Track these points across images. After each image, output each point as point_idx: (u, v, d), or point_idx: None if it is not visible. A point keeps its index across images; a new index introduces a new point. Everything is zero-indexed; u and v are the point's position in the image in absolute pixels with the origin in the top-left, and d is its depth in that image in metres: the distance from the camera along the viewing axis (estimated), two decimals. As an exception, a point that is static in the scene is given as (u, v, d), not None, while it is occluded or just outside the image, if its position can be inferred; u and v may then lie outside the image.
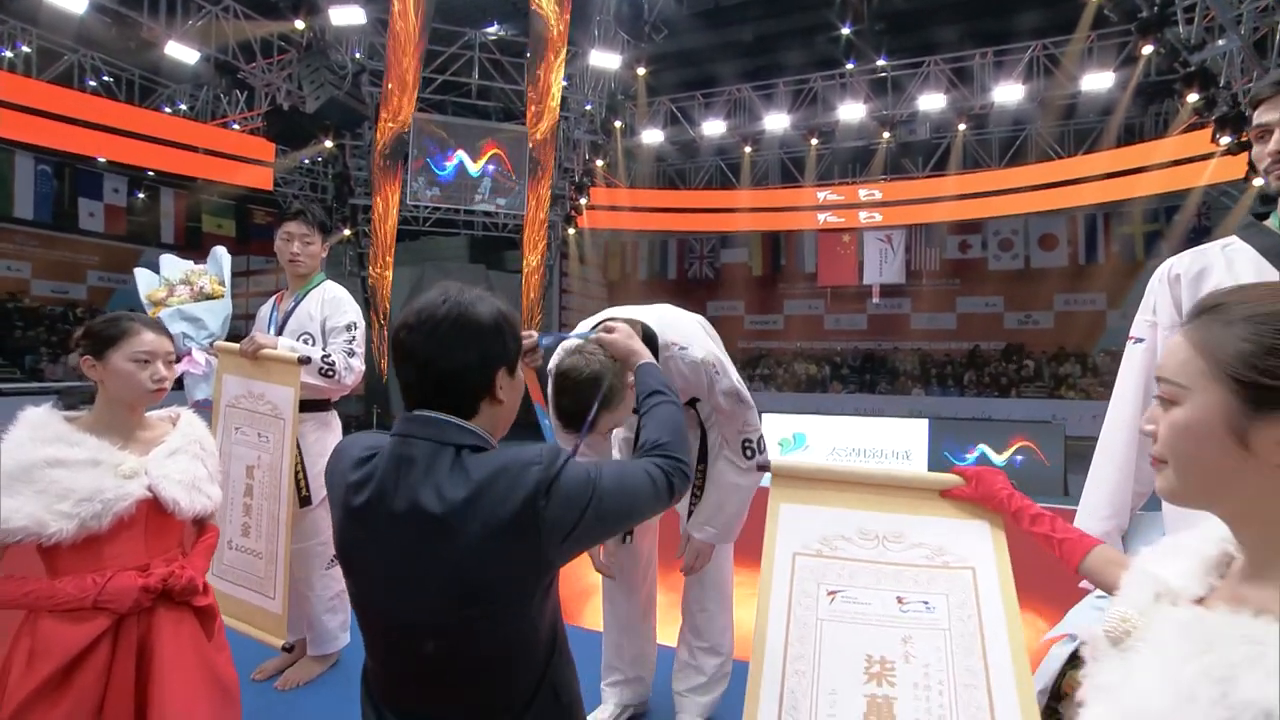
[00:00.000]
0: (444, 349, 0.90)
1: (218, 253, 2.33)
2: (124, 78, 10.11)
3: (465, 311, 0.91)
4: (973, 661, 1.05)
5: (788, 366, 14.42)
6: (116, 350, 1.30)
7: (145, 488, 1.27)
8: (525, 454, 0.89)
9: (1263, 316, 0.53)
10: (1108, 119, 10.27)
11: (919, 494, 1.20)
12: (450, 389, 0.92)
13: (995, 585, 1.10)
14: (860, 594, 1.14)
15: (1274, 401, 0.52)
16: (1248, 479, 0.54)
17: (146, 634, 1.26)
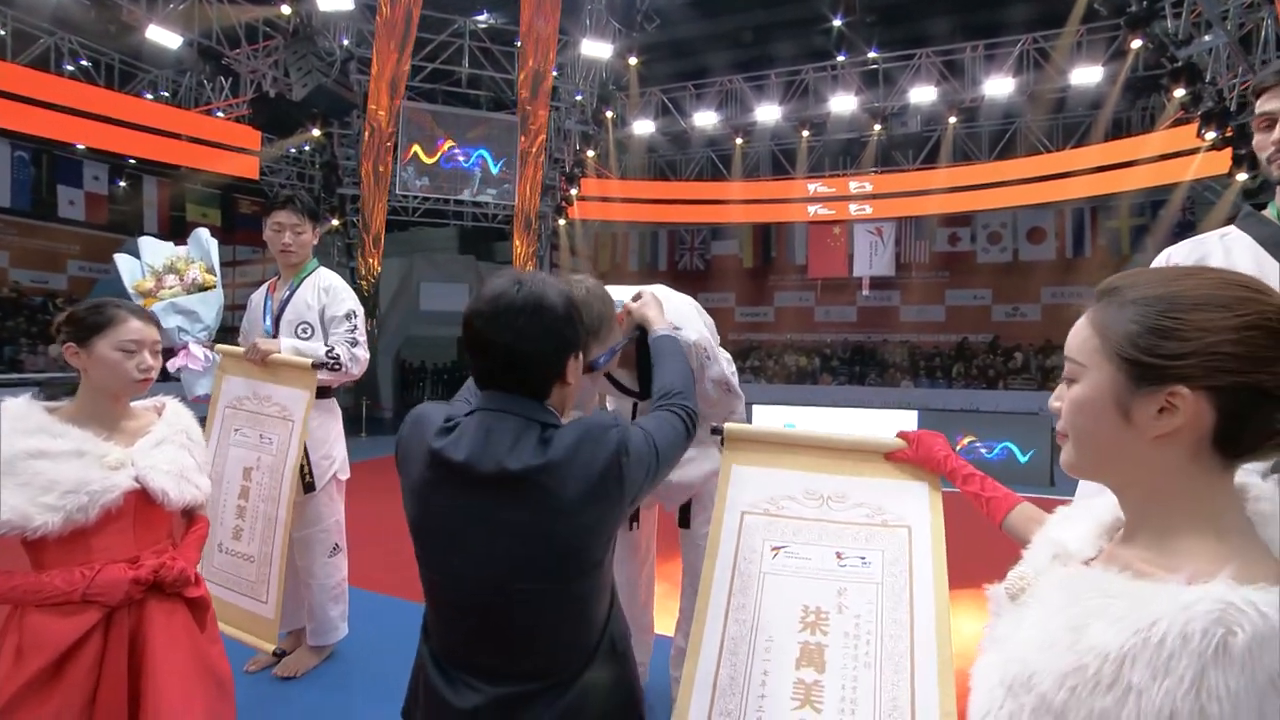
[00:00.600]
0: (521, 335, 0.95)
1: (200, 235, 2.26)
2: (103, 62, 9.88)
3: (541, 299, 0.96)
4: (900, 614, 1.13)
5: (778, 358, 14.47)
6: (102, 338, 1.27)
7: (132, 479, 1.25)
8: (601, 419, 0.97)
9: (1149, 299, 0.57)
10: (1096, 113, 10.34)
11: (864, 456, 1.27)
12: (527, 373, 0.97)
13: (928, 543, 1.18)
14: (802, 549, 1.22)
15: (1151, 377, 0.56)
16: (1129, 451, 0.58)
17: (138, 626, 1.24)
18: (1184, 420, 0.55)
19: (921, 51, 10.79)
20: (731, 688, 1.15)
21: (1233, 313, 0.54)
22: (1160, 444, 0.56)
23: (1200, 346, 0.54)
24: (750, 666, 1.15)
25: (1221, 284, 0.56)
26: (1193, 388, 0.54)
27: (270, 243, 2.30)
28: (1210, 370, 0.54)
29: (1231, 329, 0.53)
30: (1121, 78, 9.40)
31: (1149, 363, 0.56)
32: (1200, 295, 0.56)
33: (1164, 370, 0.55)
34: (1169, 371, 0.55)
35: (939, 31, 10.75)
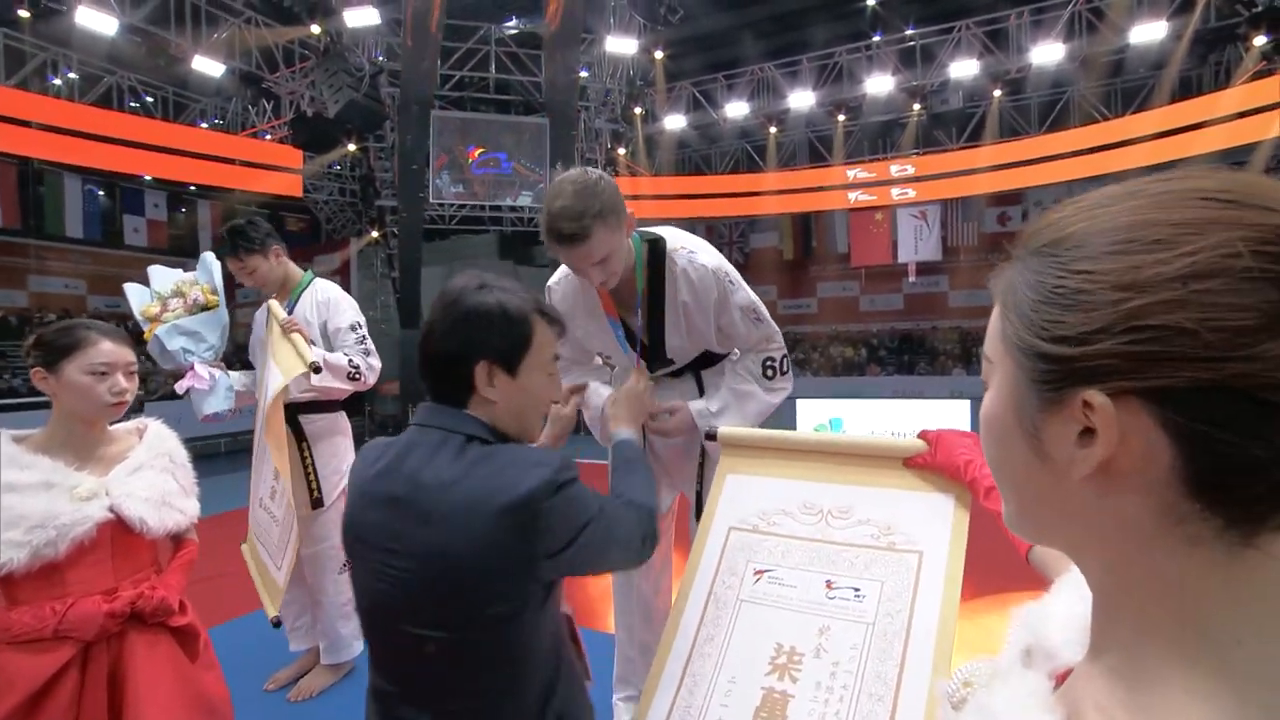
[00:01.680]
0: (433, 332, 0.91)
1: (207, 259, 2.29)
2: (159, 96, 10.43)
3: (459, 297, 0.90)
4: (887, 668, 0.90)
5: (823, 350, 14.08)
6: (70, 361, 1.23)
7: (106, 509, 1.22)
8: (535, 454, 0.88)
9: (1054, 245, 0.34)
10: (1160, 74, 9.59)
11: (879, 463, 1.06)
12: (437, 375, 0.92)
13: (939, 576, 0.93)
14: (788, 575, 1.03)
15: (1052, 378, 0.33)
16: (1061, 501, 0.35)
17: (118, 660, 1.21)
18: (1107, 450, 0.31)
19: (961, 24, 10.25)
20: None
21: (1177, 250, 0.29)
22: (1100, 490, 0.33)
23: (1116, 317, 0.30)
24: (705, 711, 0.97)
25: (1170, 201, 0.31)
26: (1114, 393, 0.30)
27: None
28: (1138, 360, 0.30)
29: (1172, 281, 0.29)
30: (1190, 31, 8.67)
31: (1046, 352, 0.33)
32: (1126, 225, 0.31)
33: (1068, 365, 0.32)
34: (1074, 366, 0.32)
35: (979, 2, 10.20)
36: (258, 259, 2.25)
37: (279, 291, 2.33)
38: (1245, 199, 0.30)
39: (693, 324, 1.55)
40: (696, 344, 1.59)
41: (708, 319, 1.53)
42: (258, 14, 9.55)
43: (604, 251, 1.34)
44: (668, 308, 1.51)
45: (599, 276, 1.39)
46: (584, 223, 1.28)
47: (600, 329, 1.59)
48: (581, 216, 1.28)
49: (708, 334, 1.57)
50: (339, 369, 2.11)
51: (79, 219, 11.38)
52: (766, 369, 1.58)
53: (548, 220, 1.34)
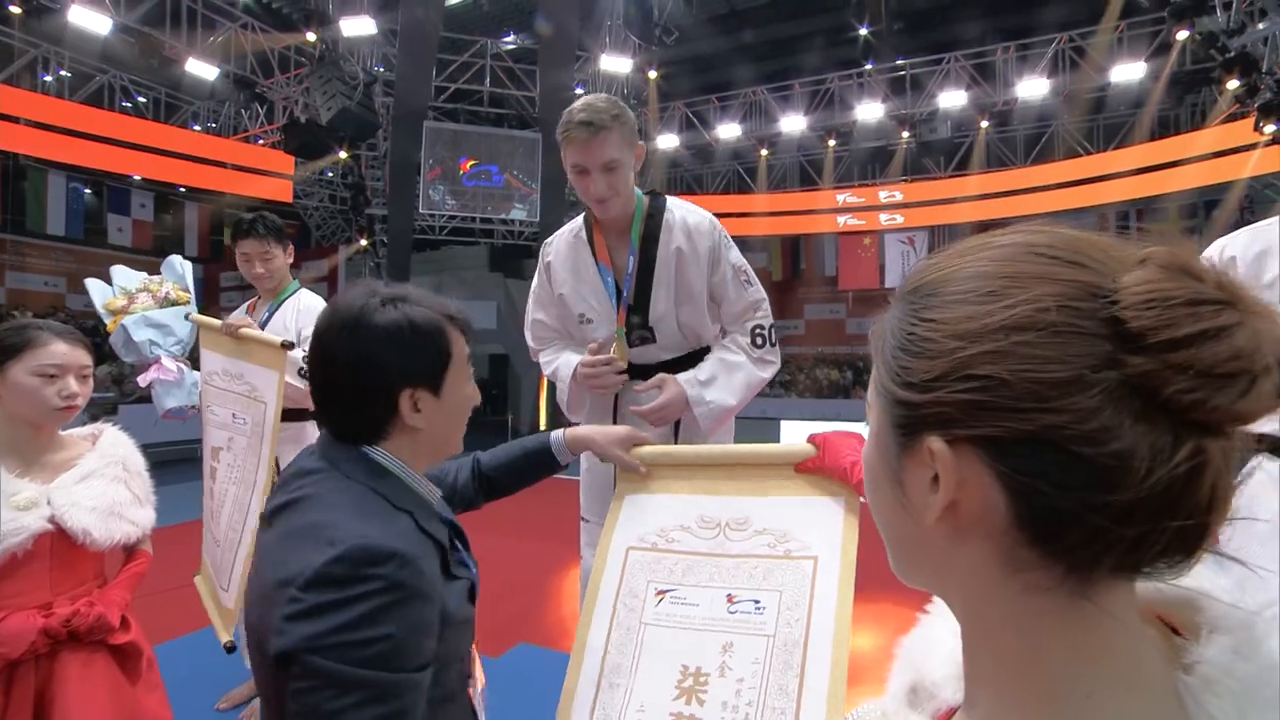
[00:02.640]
0: (333, 362, 0.79)
1: (174, 261, 2.25)
2: (151, 96, 10.37)
3: (361, 317, 0.78)
4: (788, 680, 0.88)
5: (809, 372, 14.13)
6: (17, 362, 1.18)
7: (45, 519, 1.16)
8: (344, 529, 0.70)
9: (912, 292, 0.35)
10: (1139, 112, 9.85)
11: (772, 471, 1.04)
12: (346, 411, 0.81)
13: (834, 579, 0.93)
14: (690, 593, 1.00)
15: (905, 423, 0.33)
16: (925, 546, 0.35)
17: (48, 681, 1.14)
18: (947, 495, 0.31)
19: (950, 55, 10.50)
20: None
21: (1002, 303, 0.30)
22: (950, 536, 0.33)
23: (951, 365, 0.31)
24: None
25: (1007, 255, 0.32)
26: (951, 440, 0.31)
27: (243, 272, 2.26)
28: (968, 409, 0.30)
29: (995, 332, 0.30)
30: (1166, 73, 8.94)
31: (900, 398, 0.33)
32: (970, 275, 0.32)
33: (916, 411, 0.32)
34: (920, 413, 0.32)
35: (968, 35, 10.46)
36: (279, 248, 2.24)
37: (270, 292, 2.29)
38: (1065, 255, 0.31)
39: (684, 279, 1.50)
40: (683, 310, 1.53)
41: (701, 271, 1.50)
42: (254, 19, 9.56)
43: (614, 154, 1.38)
44: (659, 260, 1.50)
45: (603, 185, 1.40)
46: (602, 116, 1.35)
47: (588, 287, 1.55)
48: (601, 112, 1.35)
49: (698, 291, 1.52)
50: (292, 362, 2.03)
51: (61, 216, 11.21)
52: (756, 337, 1.52)
53: (567, 115, 1.39)
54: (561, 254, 1.59)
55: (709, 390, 1.45)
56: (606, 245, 1.54)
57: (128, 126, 9.29)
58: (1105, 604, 0.30)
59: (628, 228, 1.52)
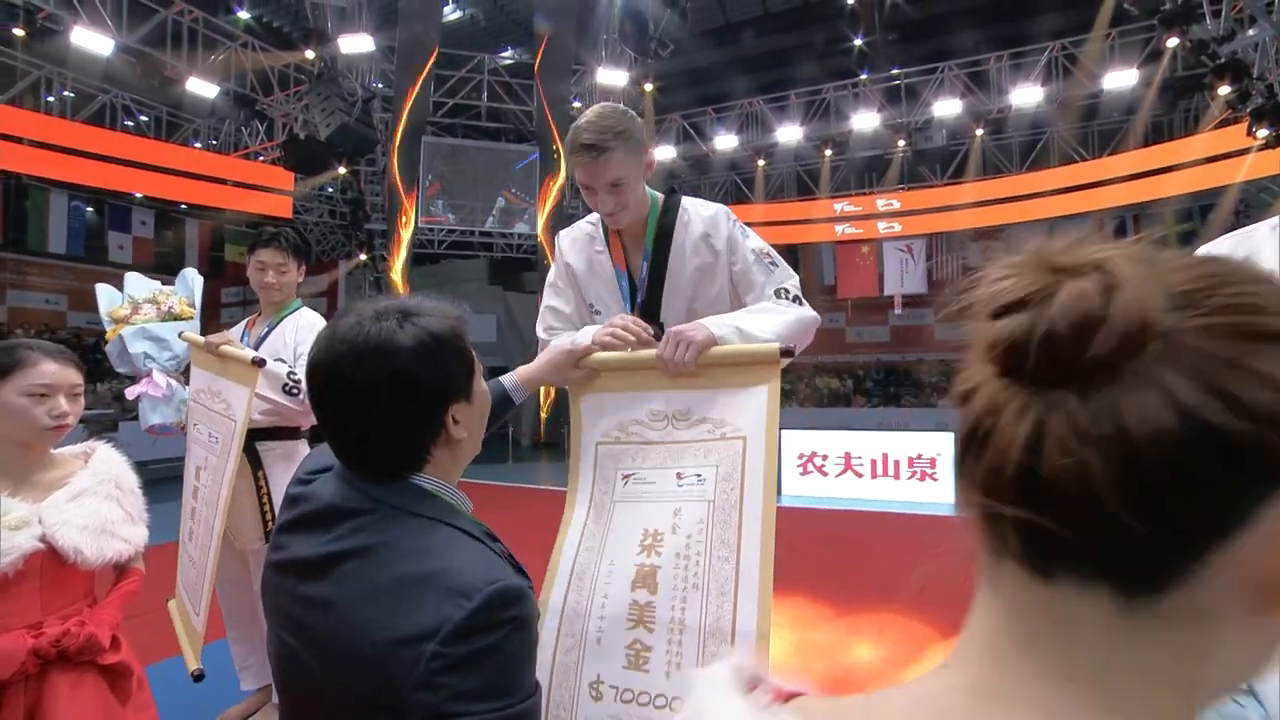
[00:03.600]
0: (375, 399, 0.72)
1: (188, 275, 2.24)
2: (152, 115, 10.47)
3: (387, 344, 0.72)
4: (729, 535, 1.10)
5: (809, 381, 14.12)
6: (7, 382, 1.18)
7: (37, 538, 1.15)
8: (467, 575, 0.67)
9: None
10: (1132, 118, 9.93)
11: (705, 368, 1.21)
12: (389, 447, 0.75)
13: (760, 452, 1.13)
14: (649, 474, 1.21)
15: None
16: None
17: (38, 701, 1.13)
18: None
19: (944, 65, 10.59)
20: (575, 613, 1.16)
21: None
22: None
23: None
24: (593, 592, 1.15)
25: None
26: None
27: (253, 280, 2.25)
28: None
29: None
30: (1158, 79, 9.01)
31: None
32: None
33: None
34: None
35: (962, 45, 10.56)
36: (295, 263, 2.25)
37: (273, 305, 2.29)
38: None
39: (701, 271, 1.48)
40: (701, 304, 1.50)
41: (721, 262, 1.48)
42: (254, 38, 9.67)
43: (619, 173, 1.37)
44: (673, 256, 1.49)
45: (610, 203, 1.40)
46: (605, 137, 1.33)
47: (600, 280, 1.55)
48: (604, 131, 1.34)
49: (720, 282, 1.49)
50: (275, 377, 2.02)
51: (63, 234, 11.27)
52: (779, 294, 1.45)
53: (573, 133, 1.39)
54: (578, 246, 1.59)
55: (730, 319, 1.32)
56: (623, 248, 1.55)
57: (129, 145, 9.38)
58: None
59: (642, 232, 1.52)
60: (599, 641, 1.12)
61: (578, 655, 1.14)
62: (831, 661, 2.94)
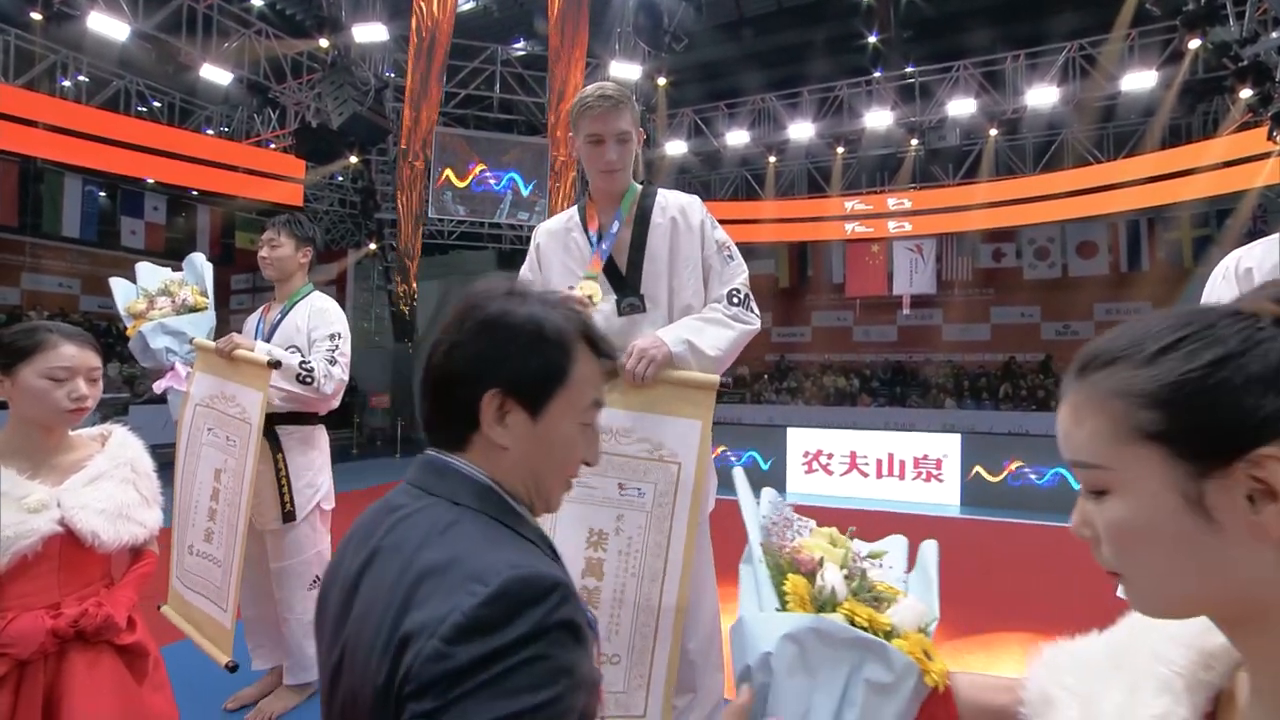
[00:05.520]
0: (439, 346, 0.68)
1: (195, 260, 2.27)
2: (167, 101, 10.51)
3: (478, 303, 0.68)
4: (660, 538, 1.39)
5: (815, 379, 14.09)
6: (28, 364, 1.18)
7: (55, 521, 1.16)
8: (488, 561, 0.57)
9: (1160, 344, 0.40)
10: (1150, 120, 9.80)
11: (653, 391, 1.41)
12: (435, 403, 0.69)
13: (690, 477, 1.39)
14: (592, 479, 1.39)
15: (1212, 451, 0.37)
16: (1234, 564, 0.38)
17: (55, 679, 1.14)
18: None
19: (960, 64, 10.48)
20: None
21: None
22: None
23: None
24: None
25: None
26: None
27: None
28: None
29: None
30: (1178, 81, 8.89)
31: (1202, 426, 0.38)
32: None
33: (1237, 432, 0.37)
34: (1246, 431, 0.37)
35: (978, 44, 10.45)
36: (290, 243, 2.28)
37: (280, 290, 2.33)
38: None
39: (679, 247, 1.60)
40: (678, 278, 1.60)
41: (695, 241, 1.61)
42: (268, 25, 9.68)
43: (627, 127, 1.54)
44: (652, 232, 1.60)
45: (615, 153, 1.53)
46: (620, 93, 1.52)
47: (575, 255, 1.64)
48: (618, 91, 1.53)
49: (695, 259, 1.61)
50: (288, 368, 2.07)
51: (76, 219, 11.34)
52: (732, 297, 1.60)
53: (582, 94, 1.53)
54: (553, 233, 1.69)
55: (684, 333, 1.48)
56: (598, 218, 1.65)
57: (143, 131, 9.42)
58: None
59: (619, 199, 1.63)
60: None
61: None
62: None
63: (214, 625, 1.92)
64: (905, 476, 7.06)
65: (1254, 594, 0.38)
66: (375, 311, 13.79)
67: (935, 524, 6.02)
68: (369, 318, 13.90)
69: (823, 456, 7.41)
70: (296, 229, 2.30)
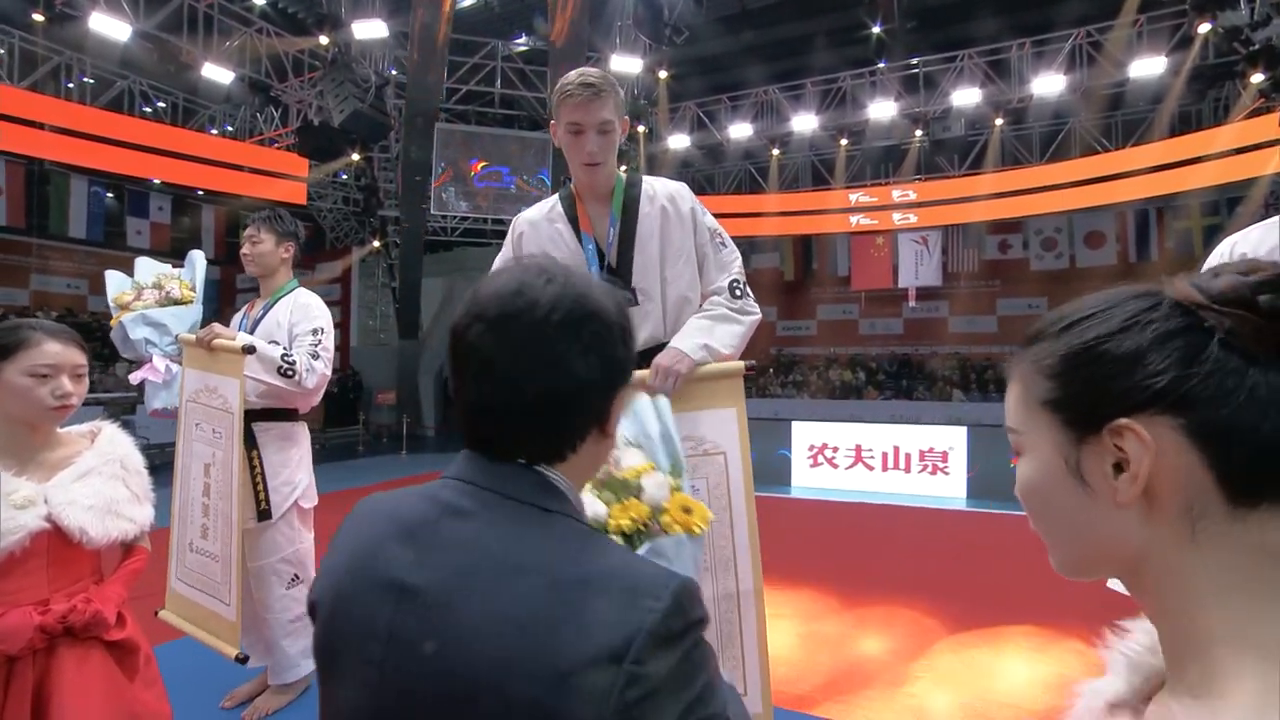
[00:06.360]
0: (544, 357, 0.58)
1: (194, 257, 2.27)
2: (170, 101, 10.55)
3: (582, 300, 0.60)
4: (724, 528, 1.42)
5: (821, 373, 14.03)
6: (11, 362, 1.18)
7: (42, 518, 1.16)
8: (643, 572, 0.55)
9: (1068, 320, 0.43)
10: (1159, 108, 9.67)
11: (687, 389, 1.42)
12: (546, 420, 0.60)
13: (738, 464, 1.43)
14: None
15: (1086, 420, 0.41)
16: (1105, 527, 0.42)
17: (45, 676, 1.14)
18: (1145, 469, 0.38)
19: (964, 53, 10.38)
20: None
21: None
22: (1146, 517, 0.40)
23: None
24: None
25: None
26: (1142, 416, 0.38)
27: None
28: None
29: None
30: (1187, 67, 8.76)
31: (1074, 397, 0.42)
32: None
33: (1106, 402, 0.40)
34: (1106, 401, 0.40)
35: (983, 32, 10.33)
36: (271, 239, 2.28)
37: (264, 286, 2.33)
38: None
39: (669, 237, 1.58)
40: (670, 269, 1.59)
41: (685, 230, 1.59)
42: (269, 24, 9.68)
43: (609, 116, 1.48)
44: (641, 223, 1.58)
45: (596, 144, 1.49)
46: (602, 82, 1.47)
47: (563, 255, 1.58)
48: (600, 79, 1.47)
49: (686, 249, 1.59)
50: (269, 360, 2.06)
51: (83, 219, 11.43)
52: (734, 290, 1.60)
53: (564, 80, 1.47)
54: (537, 226, 1.64)
55: (699, 337, 1.50)
56: (589, 216, 1.60)
57: (147, 131, 9.46)
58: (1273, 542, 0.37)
59: (609, 197, 1.59)
60: None
61: None
62: (838, 654, 2.93)
63: (218, 620, 1.92)
64: (911, 470, 7.02)
65: (1124, 554, 0.42)
66: (380, 309, 13.83)
67: (941, 517, 5.98)
68: (374, 315, 13.94)
69: (828, 450, 7.38)
70: (277, 224, 2.29)
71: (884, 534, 5.37)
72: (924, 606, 3.45)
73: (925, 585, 3.76)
